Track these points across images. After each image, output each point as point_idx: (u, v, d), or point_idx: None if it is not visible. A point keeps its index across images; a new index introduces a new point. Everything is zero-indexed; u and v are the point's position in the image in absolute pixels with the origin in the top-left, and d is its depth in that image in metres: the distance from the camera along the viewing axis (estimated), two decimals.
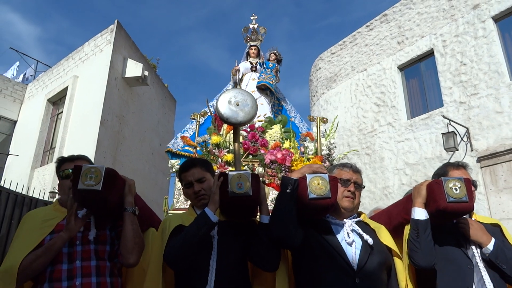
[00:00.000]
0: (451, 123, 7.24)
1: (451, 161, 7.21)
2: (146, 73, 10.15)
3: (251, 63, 5.47)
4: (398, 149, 8.60)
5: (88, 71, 10.12)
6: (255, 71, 5.40)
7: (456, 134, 7.07)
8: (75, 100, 10.12)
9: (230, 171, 1.96)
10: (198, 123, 4.66)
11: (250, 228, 1.98)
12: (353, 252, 1.82)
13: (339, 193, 1.94)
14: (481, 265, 1.88)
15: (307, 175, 1.84)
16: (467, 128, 7.35)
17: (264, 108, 5.07)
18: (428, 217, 1.87)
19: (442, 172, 2.13)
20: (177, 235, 1.84)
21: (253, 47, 5.55)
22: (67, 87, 10.47)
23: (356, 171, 2.06)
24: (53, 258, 1.74)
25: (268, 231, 1.83)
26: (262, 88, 5.18)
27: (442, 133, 7.23)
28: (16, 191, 6.74)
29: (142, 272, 1.92)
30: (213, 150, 4.32)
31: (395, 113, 8.92)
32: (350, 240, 1.86)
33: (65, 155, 2.20)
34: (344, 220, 1.95)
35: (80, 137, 9.23)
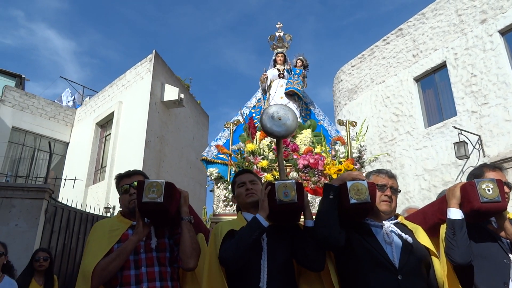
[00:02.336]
0: (463, 132, 7.82)
1: (465, 166, 7.84)
2: (182, 95, 11.25)
3: (278, 70, 5.64)
4: (417, 156, 9.20)
5: (131, 97, 11.34)
6: (283, 77, 5.57)
7: (466, 143, 7.65)
8: (121, 124, 11.35)
9: (276, 180, 2.17)
10: (231, 131, 4.90)
11: (294, 231, 2.13)
12: (393, 251, 1.92)
13: (377, 197, 2.05)
14: None
15: (347, 182, 1.97)
16: (479, 136, 7.90)
17: None
18: (463, 216, 1.96)
19: (478, 173, 2.22)
20: (229, 239, 1.99)
21: (279, 54, 5.71)
22: (113, 112, 11.74)
23: (392, 176, 2.17)
24: (125, 260, 1.93)
25: (314, 233, 1.96)
26: (290, 94, 5.35)
27: (453, 143, 7.83)
28: (73, 207, 7.85)
29: (195, 275, 2.08)
30: (249, 157, 4.54)
31: (413, 122, 9.53)
32: (389, 240, 1.96)
33: (115, 174, 2.51)
34: (383, 222, 2.06)
35: (128, 157, 10.40)
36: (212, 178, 4.65)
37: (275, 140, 4.60)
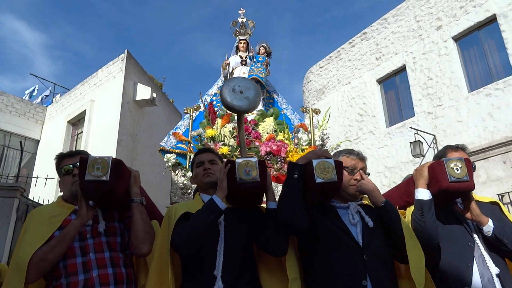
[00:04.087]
0: (419, 132, 8.39)
1: (421, 164, 8.39)
2: (154, 94, 11.42)
3: (240, 57, 5.45)
4: (379, 154, 9.75)
5: (103, 96, 11.42)
6: (245, 64, 5.39)
7: (422, 143, 8.22)
8: (93, 122, 11.42)
9: (237, 158, 1.99)
10: (191, 117, 4.66)
11: (255, 214, 2.00)
12: (357, 231, 1.86)
13: (346, 181, 1.94)
14: (480, 241, 1.95)
15: (313, 160, 1.84)
16: (434, 136, 8.49)
17: None
18: (431, 197, 1.92)
19: (441, 154, 2.20)
20: (183, 222, 1.84)
21: (242, 41, 5.52)
22: (85, 110, 11.78)
23: (363, 158, 2.07)
24: (67, 247, 1.72)
25: (277, 216, 1.84)
26: None
27: (410, 142, 8.39)
28: (44, 204, 7.93)
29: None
30: (208, 144, 4.35)
31: (375, 122, 10.07)
32: (355, 221, 1.90)
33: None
34: (348, 203, 1.99)
35: (100, 155, 10.51)
36: (170, 164, 4.50)
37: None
